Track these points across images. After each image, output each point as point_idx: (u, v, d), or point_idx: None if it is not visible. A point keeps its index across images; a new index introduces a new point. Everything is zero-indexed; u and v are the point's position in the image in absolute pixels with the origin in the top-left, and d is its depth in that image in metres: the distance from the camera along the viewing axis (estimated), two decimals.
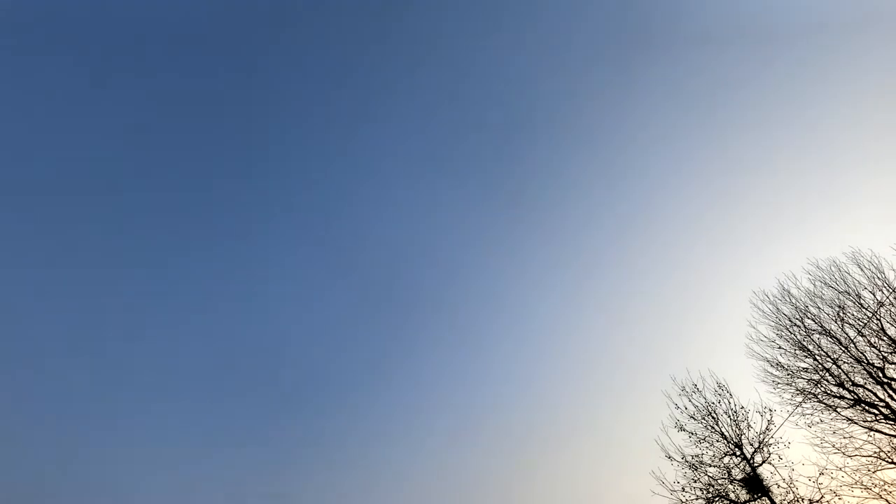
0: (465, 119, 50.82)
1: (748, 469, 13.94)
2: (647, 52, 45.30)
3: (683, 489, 14.28)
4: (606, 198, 49.59)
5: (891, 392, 13.06)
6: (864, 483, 12.97)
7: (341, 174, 52.81)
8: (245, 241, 52.28)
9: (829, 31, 36.28)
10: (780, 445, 13.91)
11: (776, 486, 13.62)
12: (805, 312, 14.48)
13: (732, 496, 13.97)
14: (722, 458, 14.35)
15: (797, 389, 14.43)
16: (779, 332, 14.96)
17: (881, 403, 13.16)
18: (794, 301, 14.85)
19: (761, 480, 13.70)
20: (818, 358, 14.07)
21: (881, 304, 13.13)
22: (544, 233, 51.97)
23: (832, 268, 14.29)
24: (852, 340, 13.46)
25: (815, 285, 14.52)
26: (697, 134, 45.81)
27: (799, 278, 14.94)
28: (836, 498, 13.05)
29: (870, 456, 13.23)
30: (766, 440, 13.97)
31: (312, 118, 51.77)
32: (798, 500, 13.31)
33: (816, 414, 14.10)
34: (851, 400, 13.55)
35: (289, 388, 47.54)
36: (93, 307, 45.32)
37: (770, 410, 14.29)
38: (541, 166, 51.48)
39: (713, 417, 14.76)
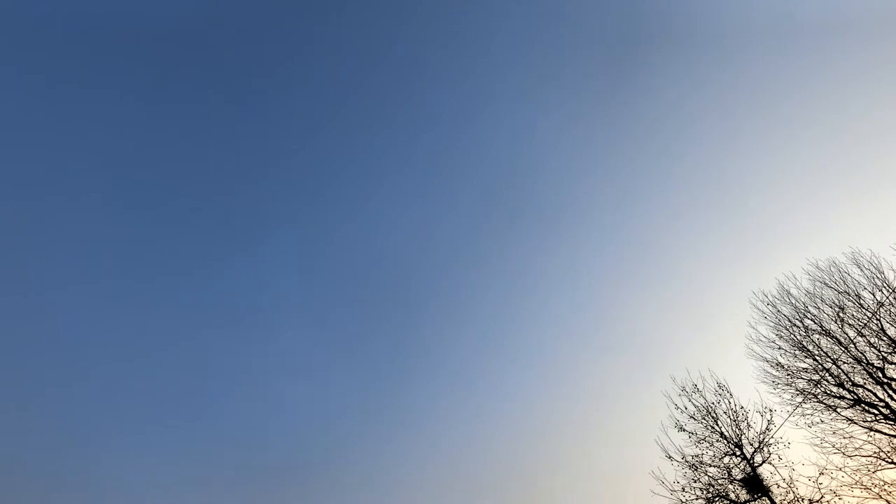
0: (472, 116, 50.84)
1: (748, 469, 13.95)
2: (650, 54, 45.34)
3: (683, 489, 14.29)
4: (607, 198, 49.65)
5: (891, 392, 13.08)
6: (864, 483, 12.98)
7: (351, 179, 52.95)
8: (249, 249, 52.35)
9: (826, 31, 36.31)
10: (780, 445, 13.93)
11: (776, 486, 13.64)
12: (805, 313, 14.51)
13: (732, 496, 13.98)
14: (722, 458, 14.36)
15: (797, 389, 14.45)
16: (778, 333, 14.99)
17: (881, 403, 13.17)
18: (793, 301, 14.88)
19: (761, 480, 13.71)
20: (818, 358, 14.09)
21: (881, 304, 13.15)
22: (545, 233, 52.02)
23: (832, 268, 14.32)
24: (852, 340, 13.48)
25: (814, 285, 14.56)
26: (698, 135, 45.86)
27: (799, 278, 14.98)
28: (836, 498, 13.06)
29: (870, 456, 13.24)
30: (766, 440, 13.98)
31: (321, 125, 51.90)
32: (798, 500, 13.32)
33: (816, 414, 14.13)
34: (851, 400, 13.56)
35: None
36: (100, 317, 45.32)
37: (770, 410, 14.32)
38: (545, 169, 51.55)
39: (713, 417, 14.78)
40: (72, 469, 37.18)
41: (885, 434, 13.14)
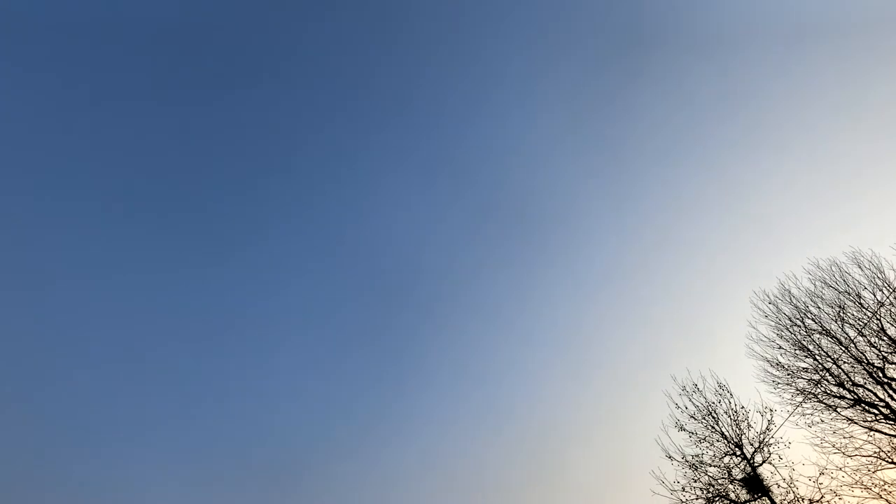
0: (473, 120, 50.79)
1: (748, 469, 13.93)
2: (650, 55, 45.33)
3: (683, 489, 14.27)
4: (609, 197, 49.62)
5: (891, 392, 13.06)
6: (864, 483, 12.97)
7: (352, 178, 52.90)
8: (250, 250, 52.20)
9: (827, 31, 36.31)
10: (781, 445, 13.92)
11: (776, 486, 13.62)
12: (805, 312, 14.48)
13: (732, 496, 13.96)
14: (722, 457, 14.34)
15: (797, 389, 14.43)
16: (779, 332, 14.96)
17: (881, 403, 13.16)
18: (794, 301, 14.85)
19: (761, 480, 13.69)
20: (818, 358, 14.07)
21: (881, 304, 13.14)
22: (546, 233, 52.00)
23: (832, 268, 14.30)
24: (852, 340, 13.46)
25: (815, 285, 14.53)
26: (699, 135, 45.84)
27: (799, 278, 14.95)
28: (836, 498, 13.04)
29: (870, 456, 13.23)
30: (766, 440, 13.96)
31: (321, 124, 51.80)
32: (798, 500, 13.31)
33: (816, 414, 14.11)
34: (851, 400, 13.55)
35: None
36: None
37: (770, 410, 14.29)
38: (547, 169, 51.49)
39: (713, 417, 14.75)
40: (73, 472, 37.12)
41: (886, 434, 13.12)
